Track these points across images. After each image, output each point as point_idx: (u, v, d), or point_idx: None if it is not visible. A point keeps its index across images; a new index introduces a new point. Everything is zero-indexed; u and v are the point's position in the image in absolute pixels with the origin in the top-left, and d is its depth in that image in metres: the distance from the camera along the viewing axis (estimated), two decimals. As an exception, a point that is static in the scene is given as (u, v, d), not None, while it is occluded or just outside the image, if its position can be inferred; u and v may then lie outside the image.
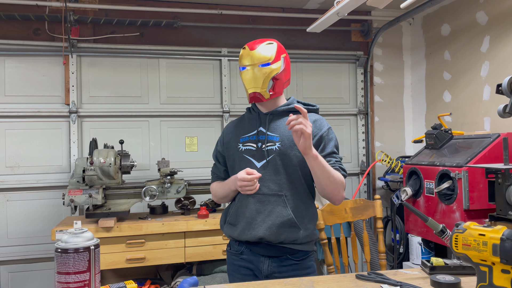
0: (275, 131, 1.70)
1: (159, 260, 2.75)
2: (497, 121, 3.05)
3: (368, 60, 3.93)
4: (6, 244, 3.18)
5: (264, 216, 1.64)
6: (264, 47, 1.66)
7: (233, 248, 1.76)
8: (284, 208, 1.63)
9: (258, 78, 1.64)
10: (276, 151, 1.66)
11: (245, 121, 1.80)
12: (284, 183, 1.65)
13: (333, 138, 1.69)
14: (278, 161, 1.66)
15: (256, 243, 1.67)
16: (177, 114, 3.56)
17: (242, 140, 1.73)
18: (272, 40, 1.70)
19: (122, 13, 3.43)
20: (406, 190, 2.91)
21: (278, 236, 1.63)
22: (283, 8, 3.77)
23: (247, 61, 1.66)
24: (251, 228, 1.65)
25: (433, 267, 1.42)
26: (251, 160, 1.69)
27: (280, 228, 1.62)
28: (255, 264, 1.68)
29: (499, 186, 2.17)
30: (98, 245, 1.17)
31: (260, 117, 1.74)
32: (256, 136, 1.71)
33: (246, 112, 1.85)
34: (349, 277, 1.42)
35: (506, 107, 1.91)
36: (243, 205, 1.68)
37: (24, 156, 3.25)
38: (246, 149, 1.71)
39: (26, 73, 3.28)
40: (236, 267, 1.74)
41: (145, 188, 2.88)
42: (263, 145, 1.68)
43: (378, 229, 2.15)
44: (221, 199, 1.80)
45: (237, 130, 1.78)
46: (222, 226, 1.81)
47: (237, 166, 1.71)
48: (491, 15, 3.13)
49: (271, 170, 1.66)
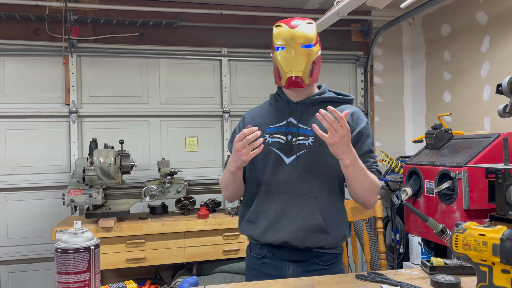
0: (308, 123, 1.51)
1: (159, 260, 2.75)
2: (497, 121, 3.04)
3: (368, 60, 3.93)
4: (6, 244, 3.18)
5: (290, 218, 1.47)
6: (305, 26, 1.46)
7: (254, 251, 1.59)
8: (313, 211, 1.46)
9: (300, 60, 1.44)
10: (308, 147, 1.48)
11: (271, 109, 1.60)
12: (315, 183, 1.48)
13: (370, 135, 1.53)
14: (310, 158, 1.47)
15: (279, 246, 1.51)
16: (177, 114, 3.56)
17: (269, 131, 1.54)
18: (310, 20, 1.51)
19: (122, 13, 3.44)
20: (406, 190, 2.91)
21: (305, 241, 1.47)
22: (283, 8, 3.77)
23: (286, 40, 1.44)
24: (275, 230, 1.48)
25: (433, 267, 1.42)
26: (279, 154, 1.50)
27: (307, 233, 1.46)
28: (279, 270, 1.52)
29: (499, 186, 2.17)
30: (98, 245, 1.17)
31: (290, 106, 1.55)
32: (285, 127, 1.52)
33: (270, 99, 1.64)
34: (349, 277, 1.42)
35: (506, 107, 1.91)
36: (266, 203, 1.51)
37: (24, 156, 3.25)
38: (273, 141, 1.52)
39: (26, 73, 3.28)
40: (256, 272, 1.57)
41: (145, 188, 2.87)
42: (293, 138, 1.50)
43: (378, 229, 2.15)
44: (225, 192, 1.60)
45: (262, 119, 1.58)
46: (240, 224, 1.62)
47: (263, 159, 1.52)
48: (491, 15, 3.12)
49: (301, 168, 1.48)
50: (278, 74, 1.50)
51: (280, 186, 1.49)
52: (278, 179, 1.50)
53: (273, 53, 1.50)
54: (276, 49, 1.47)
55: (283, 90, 1.59)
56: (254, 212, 1.53)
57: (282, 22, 1.49)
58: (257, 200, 1.53)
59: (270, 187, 1.51)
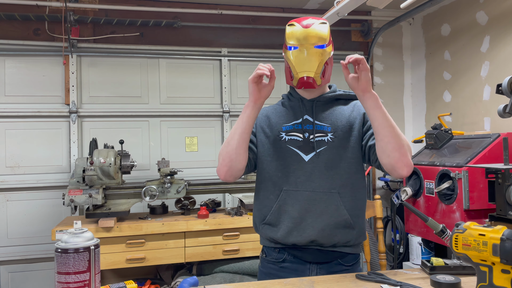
0: (325, 120, 1.51)
1: (159, 260, 2.75)
2: (497, 121, 3.04)
3: (368, 60, 3.93)
4: (6, 244, 3.18)
5: (315, 216, 1.45)
6: (319, 26, 1.44)
7: (271, 256, 1.53)
8: (338, 207, 1.45)
9: (312, 61, 1.42)
10: (328, 143, 1.48)
11: (285, 107, 1.58)
12: (337, 179, 1.46)
13: None
14: (331, 154, 1.47)
15: (303, 248, 1.48)
16: (177, 114, 3.56)
17: (285, 129, 1.52)
18: (324, 20, 1.49)
19: (122, 13, 3.44)
20: (406, 190, 2.91)
21: (332, 238, 1.46)
22: (283, 8, 3.77)
23: (299, 40, 1.42)
24: (300, 230, 1.45)
25: (433, 267, 1.42)
26: (297, 152, 1.48)
27: (334, 229, 1.45)
28: (300, 274, 1.48)
29: (499, 186, 2.17)
30: (98, 245, 1.17)
31: (305, 104, 1.54)
32: (302, 125, 1.51)
33: (283, 99, 1.62)
34: (349, 277, 1.41)
35: (506, 107, 1.91)
36: (288, 203, 1.47)
37: (24, 156, 3.25)
38: (290, 139, 1.50)
39: (26, 73, 3.28)
40: (274, 277, 1.49)
41: (145, 188, 2.87)
42: (310, 135, 1.49)
43: (378, 229, 2.15)
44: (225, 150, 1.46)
45: (277, 117, 1.56)
46: (257, 226, 1.56)
47: (279, 158, 1.50)
48: (491, 15, 3.13)
49: (322, 164, 1.46)
50: (290, 74, 1.49)
51: (302, 184, 1.47)
52: (299, 177, 1.47)
53: (285, 53, 1.48)
54: (289, 49, 1.45)
55: (295, 89, 1.57)
56: (274, 214, 1.49)
57: (295, 21, 1.47)
58: (278, 201, 1.49)
59: (290, 187, 1.48)
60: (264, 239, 1.56)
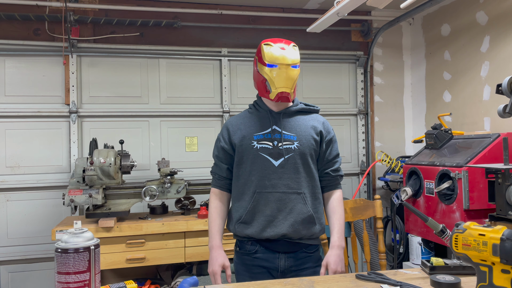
0: (291, 130, 1.74)
1: (159, 260, 2.75)
2: (497, 121, 3.05)
3: (368, 60, 3.93)
4: (6, 244, 3.18)
5: (285, 213, 1.69)
6: (293, 49, 1.71)
7: (244, 248, 1.77)
8: (304, 206, 1.71)
9: (290, 79, 1.67)
10: (295, 150, 1.71)
11: (253, 118, 1.79)
12: (303, 181, 1.71)
13: (336, 140, 1.84)
14: (297, 160, 1.71)
15: (275, 240, 1.71)
16: (177, 114, 3.56)
17: (256, 138, 1.73)
18: (294, 43, 1.75)
19: (122, 13, 3.44)
20: (406, 190, 2.91)
21: (299, 232, 1.70)
22: (283, 8, 3.77)
23: (278, 60, 1.67)
24: (273, 226, 1.69)
25: (433, 267, 1.42)
26: (267, 159, 1.71)
27: (301, 225, 1.70)
28: (271, 262, 1.72)
29: (499, 186, 2.17)
30: (98, 245, 1.17)
31: (273, 116, 1.76)
32: (271, 134, 1.73)
33: (251, 109, 1.84)
34: (349, 277, 1.42)
35: (506, 107, 1.91)
36: (262, 204, 1.70)
37: (24, 156, 3.25)
38: (262, 147, 1.72)
39: (26, 73, 3.28)
40: (248, 266, 1.76)
41: (145, 188, 2.88)
42: (279, 143, 1.71)
43: (378, 229, 2.15)
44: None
45: (247, 127, 1.77)
46: (230, 226, 1.82)
47: (252, 164, 1.72)
48: (491, 15, 3.13)
49: (290, 169, 1.70)
50: (265, 88, 1.70)
51: (273, 186, 1.70)
52: (271, 180, 1.70)
53: (262, 68, 1.69)
54: (268, 66, 1.67)
55: (262, 100, 1.79)
56: (249, 214, 1.72)
57: (270, 41, 1.71)
58: (252, 202, 1.71)
59: (263, 189, 1.70)
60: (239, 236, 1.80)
